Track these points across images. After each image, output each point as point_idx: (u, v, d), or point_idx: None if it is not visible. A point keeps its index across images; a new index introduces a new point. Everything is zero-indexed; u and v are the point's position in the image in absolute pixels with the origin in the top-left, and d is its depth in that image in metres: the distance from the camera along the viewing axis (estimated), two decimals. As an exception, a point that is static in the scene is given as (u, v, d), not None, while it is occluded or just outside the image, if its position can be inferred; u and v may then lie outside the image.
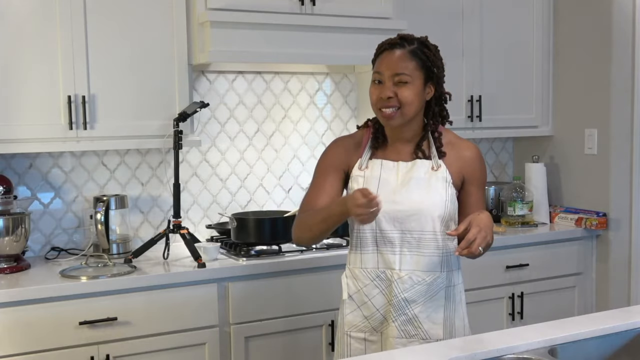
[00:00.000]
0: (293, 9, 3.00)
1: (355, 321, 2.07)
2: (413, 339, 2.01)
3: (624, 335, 1.87)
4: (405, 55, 1.99)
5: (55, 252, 3.02)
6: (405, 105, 1.97)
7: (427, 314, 2.01)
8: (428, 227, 2.00)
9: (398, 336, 2.01)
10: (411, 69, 1.98)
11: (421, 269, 2.01)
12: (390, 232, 2.01)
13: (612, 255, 3.53)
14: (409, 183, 2.00)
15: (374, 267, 2.03)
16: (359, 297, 2.06)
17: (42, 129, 2.72)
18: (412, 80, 1.98)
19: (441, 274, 2.03)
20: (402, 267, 2.01)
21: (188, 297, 2.70)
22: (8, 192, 2.78)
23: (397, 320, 2.01)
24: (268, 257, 2.90)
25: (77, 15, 2.74)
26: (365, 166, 2.06)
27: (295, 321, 2.88)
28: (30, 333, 2.47)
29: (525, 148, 4.03)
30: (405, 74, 1.97)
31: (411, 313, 2.01)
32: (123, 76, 2.85)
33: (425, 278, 2.01)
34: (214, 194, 3.37)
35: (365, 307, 2.05)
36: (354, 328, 2.08)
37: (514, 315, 3.38)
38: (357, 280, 2.06)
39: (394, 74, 1.97)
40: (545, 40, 3.75)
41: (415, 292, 2.01)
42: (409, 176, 2.01)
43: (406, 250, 2.01)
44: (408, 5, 3.33)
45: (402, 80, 1.97)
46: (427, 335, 2.01)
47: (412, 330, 2.01)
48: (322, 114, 3.58)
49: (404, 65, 1.98)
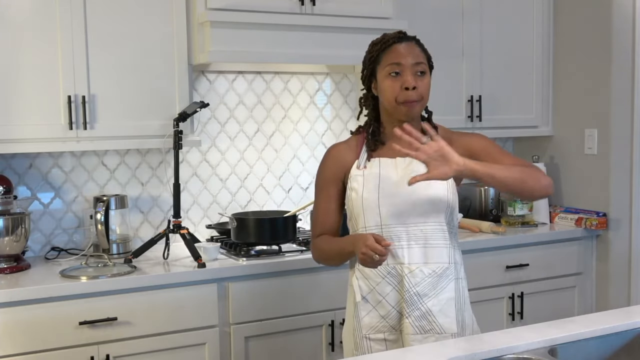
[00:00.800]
0: (293, 9, 3.00)
1: (373, 322, 2.03)
2: (428, 334, 1.98)
3: (624, 335, 1.87)
4: (417, 46, 2.03)
5: (55, 252, 3.03)
6: (426, 94, 2.02)
7: (439, 307, 1.99)
8: (432, 218, 2.00)
9: (413, 332, 1.98)
10: (425, 60, 2.03)
11: (430, 261, 2.00)
12: (396, 227, 2.00)
13: (612, 255, 3.53)
14: (409, 177, 1.94)
15: (384, 264, 1.98)
16: (373, 296, 2.03)
17: (42, 129, 2.72)
18: (427, 70, 2.03)
19: (449, 265, 2.02)
20: (411, 260, 2.00)
21: (188, 297, 2.70)
22: (8, 192, 2.78)
23: (410, 316, 1.98)
24: (268, 257, 2.90)
25: (77, 15, 2.74)
26: (363, 166, 2.06)
27: (295, 321, 2.88)
28: (30, 333, 2.47)
29: (525, 148, 4.02)
30: (424, 63, 2.02)
31: (424, 307, 1.98)
32: (123, 76, 2.85)
33: (435, 270, 2.00)
34: (214, 194, 3.37)
35: (380, 306, 2.02)
36: (372, 330, 2.03)
37: (514, 315, 3.38)
38: (368, 279, 2.03)
39: (416, 62, 1.99)
40: (545, 40, 3.75)
41: (426, 285, 1.99)
42: (409, 170, 1.99)
43: (413, 243, 2.00)
44: (408, 5, 3.33)
45: (422, 71, 2.00)
46: (442, 330, 1.98)
47: (426, 325, 1.98)
48: (322, 114, 3.58)
49: (419, 54, 2.02)
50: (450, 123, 3.46)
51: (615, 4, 3.42)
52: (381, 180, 2.02)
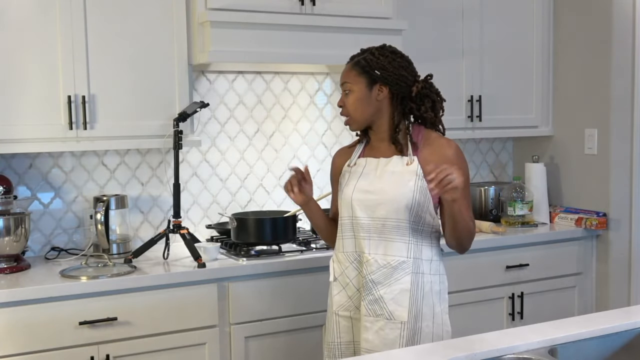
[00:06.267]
0: (293, 9, 3.00)
1: (342, 301, 2.27)
2: (379, 318, 2.16)
3: (624, 335, 1.88)
4: (348, 67, 2.22)
5: (55, 252, 3.03)
6: (350, 111, 2.20)
7: (392, 295, 2.15)
8: (393, 215, 2.15)
9: (366, 314, 2.18)
10: (352, 77, 2.19)
11: (387, 253, 2.17)
12: (362, 219, 2.19)
13: (612, 255, 3.53)
14: (383, 176, 2.19)
15: (352, 251, 2.23)
16: (343, 278, 2.26)
17: (42, 129, 2.72)
18: (354, 87, 2.18)
19: (407, 259, 2.16)
20: (370, 250, 2.19)
21: (188, 297, 2.70)
22: (8, 192, 2.78)
23: (365, 299, 2.19)
24: (268, 257, 2.90)
25: (77, 15, 2.74)
26: (353, 163, 2.28)
27: (295, 321, 2.88)
28: (30, 333, 2.47)
29: (525, 148, 4.03)
30: (348, 82, 2.20)
31: (377, 294, 2.17)
32: (123, 76, 2.85)
33: (390, 262, 2.16)
34: (214, 194, 3.37)
35: (348, 287, 2.25)
36: (341, 307, 2.27)
37: (514, 315, 3.38)
38: (340, 263, 2.27)
39: (341, 84, 2.24)
40: (545, 40, 3.75)
41: (380, 274, 2.17)
42: (385, 170, 2.19)
43: (375, 236, 2.18)
44: (408, 5, 3.33)
45: (345, 89, 2.21)
46: (391, 316, 2.15)
47: (378, 309, 2.17)
48: (322, 114, 3.58)
49: (346, 75, 2.21)
50: (450, 123, 3.46)
51: (615, 4, 3.42)
52: (361, 177, 2.22)
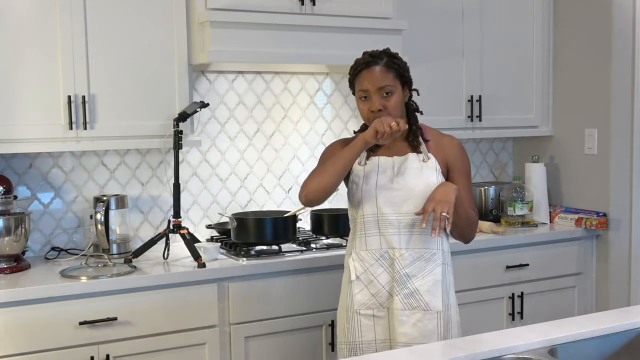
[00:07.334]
0: (293, 9, 3.00)
1: (364, 299, 2.28)
2: (415, 311, 2.22)
3: (624, 335, 1.88)
4: (383, 69, 2.23)
5: (55, 252, 3.02)
6: (394, 114, 2.22)
7: (427, 287, 2.23)
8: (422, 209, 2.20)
9: (402, 308, 2.22)
10: (392, 80, 2.23)
11: (419, 247, 2.24)
12: (390, 215, 2.24)
13: (612, 255, 3.53)
14: (404, 172, 2.25)
15: (378, 248, 2.26)
16: (366, 276, 2.28)
17: (42, 129, 2.72)
18: (395, 89, 2.23)
19: (437, 251, 2.26)
20: (402, 245, 2.24)
21: (188, 297, 2.70)
22: (8, 192, 2.78)
23: (400, 293, 2.23)
24: (268, 257, 2.90)
25: (77, 15, 2.74)
26: (364, 162, 2.31)
27: (295, 321, 2.88)
28: (30, 333, 2.47)
29: (525, 148, 4.03)
30: (389, 85, 2.23)
31: (412, 287, 2.23)
32: (123, 76, 2.85)
33: (423, 254, 2.25)
34: (214, 194, 3.37)
35: (371, 285, 2.27)
36: (362, 306, 2.28)
37: (514, 315, 3.38)
38: (363, 261, 2.28)
39: (379, 87, 2.22)
40: (545, 40, 3.75)
41: (415, 267, 2.24)
42: (404, 167, 2.26)
43: (404, 230, 2.24)
44: (408, 5, 3.33)
45: (387, 92, 2.22)
46: (428, 307, 2.23)
47: (414, 302, 2.23)
48: (322, 114, 3.59)
49: (386, 77, 2.22)
50: (450, 123, 3.51)
51: (615, 4, 3.42)
52: (380, 175, 2.27)
